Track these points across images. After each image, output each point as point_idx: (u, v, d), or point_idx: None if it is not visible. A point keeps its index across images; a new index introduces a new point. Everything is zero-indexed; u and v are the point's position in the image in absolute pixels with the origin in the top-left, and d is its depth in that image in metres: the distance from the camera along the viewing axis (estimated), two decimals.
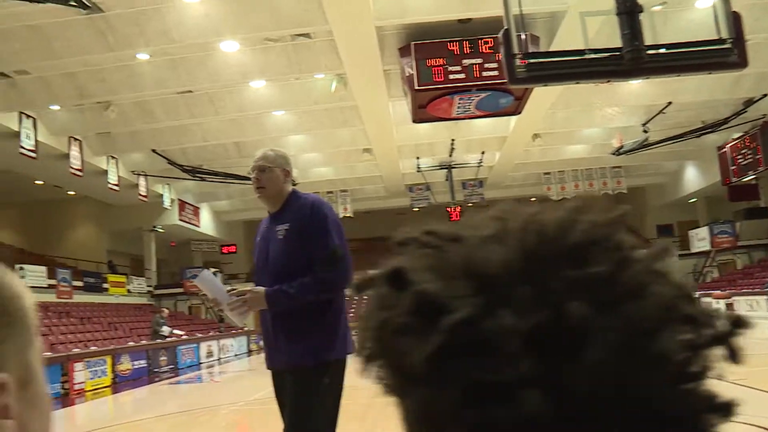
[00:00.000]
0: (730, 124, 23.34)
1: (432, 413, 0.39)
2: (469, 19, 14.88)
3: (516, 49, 6.06)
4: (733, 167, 26.33)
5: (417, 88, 15.20)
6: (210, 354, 20.65)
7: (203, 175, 23.85)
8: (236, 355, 21.63)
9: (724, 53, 5.70)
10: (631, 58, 5.66)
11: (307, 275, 3.06)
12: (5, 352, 0.58)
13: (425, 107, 16.44)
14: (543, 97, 17.66)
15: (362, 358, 0.45)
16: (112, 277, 25.23)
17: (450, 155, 25.46)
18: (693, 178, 31.21)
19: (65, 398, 13.03)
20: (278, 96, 18.30)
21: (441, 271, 0.42)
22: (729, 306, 19.47)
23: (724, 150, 26.70)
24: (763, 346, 13.84)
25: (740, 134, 25.26)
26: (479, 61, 15.11)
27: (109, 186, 21.66)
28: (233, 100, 18.19)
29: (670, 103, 20.33)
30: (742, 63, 5.81)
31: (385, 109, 19.07)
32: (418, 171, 27.18)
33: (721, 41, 5.74)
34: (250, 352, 24.86)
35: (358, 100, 18.24)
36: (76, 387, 13.62)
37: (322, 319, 3.11)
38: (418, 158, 26.21)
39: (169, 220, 27.33)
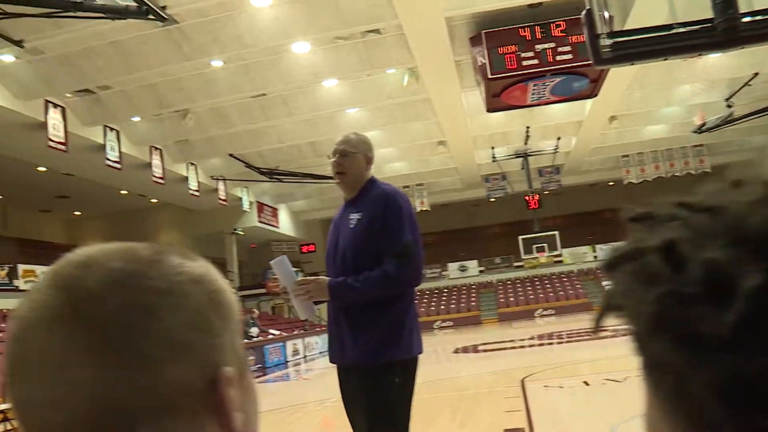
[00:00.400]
0: None
1: (742, 377, 0.38)
2: (540, 3, 14.62)
3: (599, 29, 5.87)
4: None
5: (490, 76, 15.03)
6: (296, 352, 20.97)
7: (280, 177, 24.22)
8: (321, 352, 21.89)
9: None
10: (724, 29, 5.39)
11: (375, 269, 2.89)
12: (224, 345, 0.60)
13: (499, 96, 16.25)
14: (619, 77, 17.20)
15: (638, 335, 0.44)
16: None
17: (525, 143, 25.12)
18: None
19: None
20: (351, 93, 18.40)
21: (716, 239, 0.41)
22: None
23: None
24: None
25: None
26: (552, 45, 14.83)
27: (190, 192, 22.25)
28: (306, 100, 18.39)
29: (756, 74, 19.49)
30: None
31: (458, 101, 18.94)
32: (493, 161, 26.90)
33: None
34: None
35: (431, 93, 18.17)
36: None
37: (389, 316, 2.94)
38: (492, 148, 25.93)
39: (248, 223, 27.90)
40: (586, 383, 8.40)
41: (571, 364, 11.01)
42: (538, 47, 14.82)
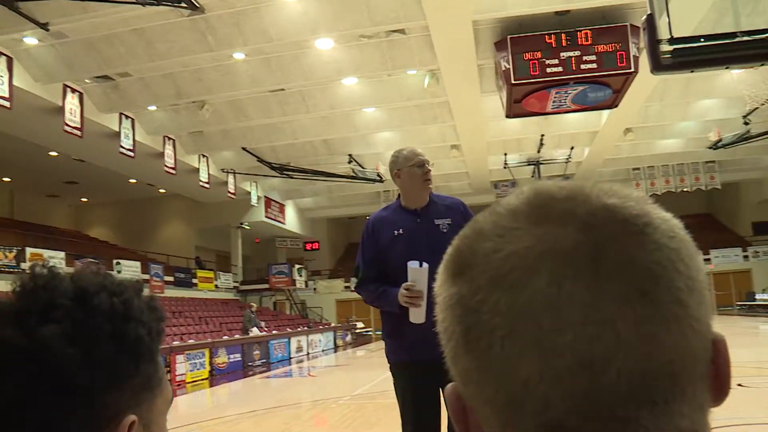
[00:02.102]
0: None
1: None
2: (567, 11, 14.53)
3: (660, 35, 5.77)
4: None
5: (513, 82, 14.93)
6: (300, 349, 20.88)
7: (291, 173, 24.11)
8: (323, 350, 21.81)
9: None
10: None
11: None
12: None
13: (520, 102, 16.16)
14: (640, 89, 17.13)
15: None
16: (200, 273, 25.79)
17: (538, 151, 25.04)
18: None
19: None
20: (370, 92, 18.31)
21: None
22: None
23: None
24: None
25: None
26: (577, 53, 14.73)
27: (200, 183, 22.15)
28: (325, 97, 18.30)
29: None
30: None
31: (477, 105, 18.86)
32: (505, 167, 26.82)
33: None
34: (336, 348, 25.04)
35: (450, 96, 18.09)
36: (178, 378, 13.94)
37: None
38: (505, 154, 25.87)
39: (255, 217, 27.78)
40: None
41: None
42: (564, 55, 14.72)
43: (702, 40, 5.86)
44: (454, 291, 0.50)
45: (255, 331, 20.42)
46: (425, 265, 3.11)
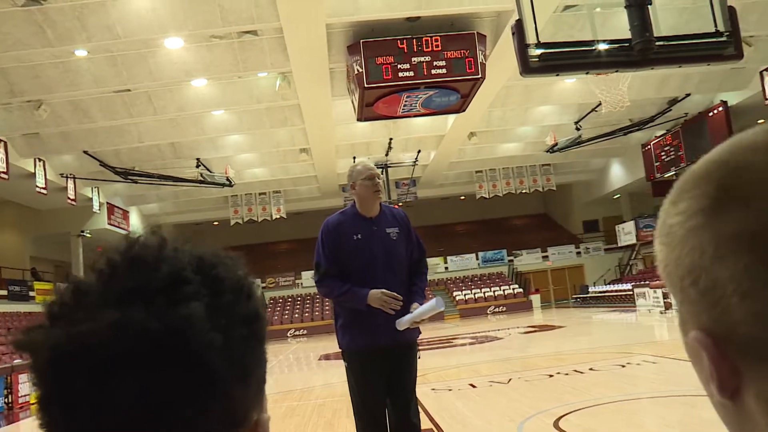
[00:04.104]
0: (656, 122, 24.31)
1: None
2: (418, 18, 14.96)
3: (529, 39, 6.12)
4: (657, 164, 27.41)
5: (366, 85, 15.18)
6: None
7: (136, 177, 23.14)
8: None
9: (722, 45, 5.94)
10: (641, 49, 5.82)
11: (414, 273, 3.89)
12: None
13: (372, 105, 16.45)
14: (484, 95, 17.92)
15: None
16: (38, 285, 24.14)
17: (386, 154, 25.59)
18: (618, 175, 32.32)
19: (9, 413, 12.41)
20: (219, 95, 17.94)
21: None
22: (666, 295, 20.24)
23: (648, 147, 27.76)
24: None
25: (663, 132, 26.31)
26: (428, 59, 15.21)
27: (37, 190, 20.69)
28: (173, 99, 17.73)
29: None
30: (738, 55, 6.08)
31: (328, 108, 18.99)
32: None
33: (718, 33, 5.97)
34: None
35: (301, 99, 18.10)
36: (21, 401, 12.96)
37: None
38: (354, 158, 26.18)
39: (97, 225, 26.34)
40: (473, 386, 8.64)
41: (444, 370, 11.27)
42: (415, 60, 15.15)
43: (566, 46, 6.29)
44: (730, 226, 0.46)
45: None
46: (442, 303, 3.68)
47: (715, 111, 23.03)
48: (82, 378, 0.52)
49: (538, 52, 6.08)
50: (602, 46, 6.08)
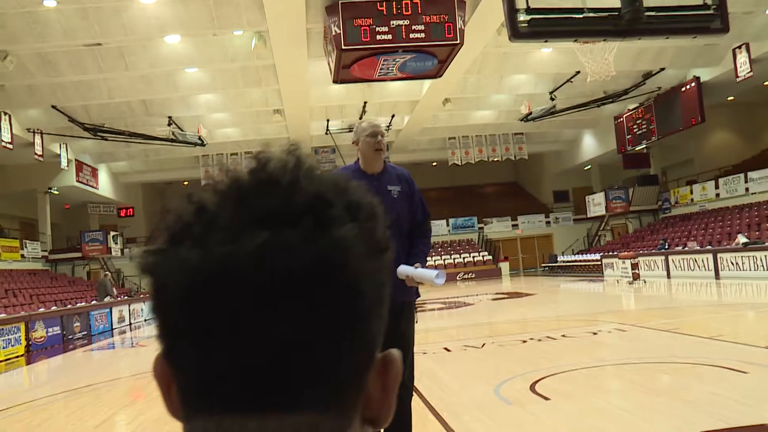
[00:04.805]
0: (630, 95, 24.45)
1: None
2: None
3: (519, 4, 6.06)
4: (629, 137, 27.64)
5: (344, 47, 15.01)
6: (122, 319, 19.91)
7: (105, 134, 22.73)
8: (146, 320, 20.93)
9: (708, 18, 5.92)
10: (629, 19, 5.79)
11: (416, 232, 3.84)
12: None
13: (348, 68, 16.28)
14: (460, 61, 17.83)
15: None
16: (3, 242, 23.74)
17: (360, 118, 25.38)
18: (589, 146, 32.54)
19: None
20: (193, 52, 17.61)
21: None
22: (634, 266, 20.51)
23: (621, 120, 27.95)
24: (684, 300, 14.77)
25: (636, 105, 26.48)
26: (407, 22, 15.06)
27: (2, 144, 20.21)
28: (146, 54, 17.37)
29: (578, 72, 20.96)
30: (724, 28, 6.07)
31: (304, 69, 18.76)
32: (326, 133, 27.02)
33: (706, 6, 5.95)
34: None
35: (277, 59, 17.85)
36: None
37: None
38: (328, 120, 26.04)
39: (65, 182, 25.90)
40: (447, 349, 8.71)
41: (417, 333, 11.32)
42: (393, 23, 15.00)
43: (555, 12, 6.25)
44: None
45: (109, 299, 19.51)
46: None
47: (688, 86, 23.22)
48: (225, 307, 0.46)
49: (528, 17, 6.03)
50: (592, 14, 6.05)
